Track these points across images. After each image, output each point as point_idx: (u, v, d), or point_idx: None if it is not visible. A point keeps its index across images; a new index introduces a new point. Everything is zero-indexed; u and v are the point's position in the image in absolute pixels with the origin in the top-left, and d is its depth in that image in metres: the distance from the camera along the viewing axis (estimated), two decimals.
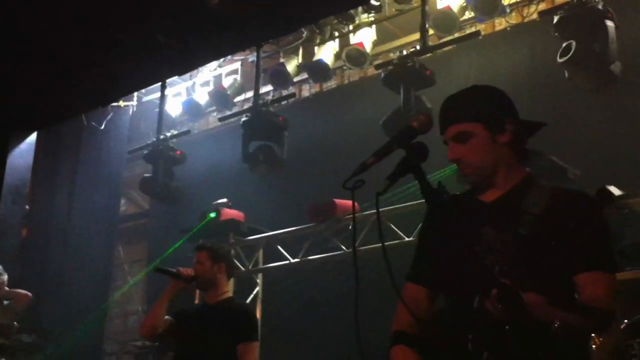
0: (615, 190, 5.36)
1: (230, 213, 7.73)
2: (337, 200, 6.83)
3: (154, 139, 8.38)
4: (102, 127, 9.32)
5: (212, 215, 7.66)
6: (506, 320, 2.12)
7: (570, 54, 5.60)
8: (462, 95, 2.54)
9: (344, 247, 6.88)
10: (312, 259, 7.20)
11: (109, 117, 9.39)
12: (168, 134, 8.41)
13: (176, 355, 4.79)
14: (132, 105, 9.78)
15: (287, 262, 7.40)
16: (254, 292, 7.65)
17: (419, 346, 2.44)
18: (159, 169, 8.16)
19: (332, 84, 8.50)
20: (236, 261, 7.70)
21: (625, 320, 4.07)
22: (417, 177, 2.30)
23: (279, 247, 7.49)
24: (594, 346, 4.61)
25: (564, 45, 5.68)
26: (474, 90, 2.58)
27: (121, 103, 9.45)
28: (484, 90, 2.58)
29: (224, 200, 7.81)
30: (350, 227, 6.59)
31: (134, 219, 10.29)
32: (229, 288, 4.99)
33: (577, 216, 2.32)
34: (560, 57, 5.68)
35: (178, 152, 8.31)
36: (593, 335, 4.57)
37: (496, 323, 2.17)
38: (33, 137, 6.97)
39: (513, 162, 2.50)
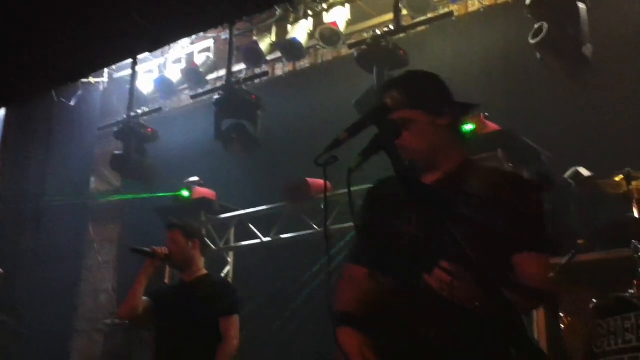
0: (585, 172, 5.42)
1: (202, 191, 7.70)
2: (310, 180, 6.82)
3: (125, 116, 8.29)
4: (73, 103, 9.21)
5: (185, 193, 7.63)
6: (452, 298, 2.13)
7: (542, 35, 5.61)
8: (400, 82, 2.60)
9: (315, 226, 6.88)
10: (284, 238, 7.20)
11: (79, 93, 9.28)
12: (139, 111, 8.32)
13: (157, 335, 4.76)
14: (103, 82, 9.67)
15: (259, 240, 7.39)
16: (225, 270, 7.64)
17: (365, 327, 2.45)
18: (131, 147, 8.09)
19: (305, 63, 8.46)
20: (207, 240, 7.68)
21: (594, 300, 4.12)
22: (390, 154, 2.30)
23: (251, 225, 7.48)
24: (562, 326, 4.68)
25: (536, 26, 5.69)
26: (411, 77, 2.64)
27: (92, 79, 9.34)
28: (422, 76, 2.63)
29: (196, 178, 7.77)
30: (322, 206, 6.59)
31: (105, 197, 10.20)
32: (203, 265, 4.99)
33: (514, 198, 2.37)
34: (533, 38, 5.70)
35: (150, 129, 8.23)
36: (562, 315, 4.63)
37: (440, 303, 2.19)
38: (2, 113, 6.86)
39: (452, 145, 2.55)
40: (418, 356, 2.29)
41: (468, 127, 5.83)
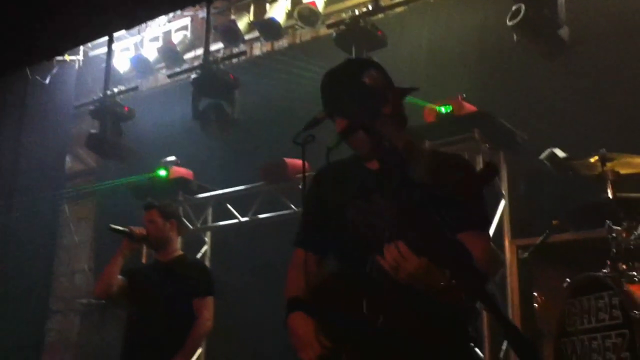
0: (560, 153, 5.47)
1: (179, 171, 7.67)
2: (288, 160, 6.82)
3: (101, 95, 8.22)
4: (47, 81, 9.10)
5: (162, 173, 7.59)
6: (400, 282, 2.14)
7: (520, 17, 5.63)
8: (341, 85, 2.60)
9: (294, 206, 6.89)
10: (262, 218, 7.20)
11: (54, 71, 9.17)
12: (115, 90, 8.25)
13: (130, 314, 4.77)
14: (78, 60, 9.56)
15: (237, 220, 7.39)
16: (203, 250, 7.63)
17: (315, 312, 2.48)
18: (106, 126, 8.02)
19: (283, 43, 8.42)
20: (185, 220, 7.66)
21: (568, 279, 4.18)
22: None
23: (229, 205, 7.47)
24: (536, 305, 4.74)
25: (513, 8, 5.71)
26: (352, 78, 2.62)
27: (67, 57, 9.24)
28: (362, 72, 2.62)
29: (173, 158, 7.73)
30: (300, 186, 6.59)
31: (81, 176, 10.12)
32: (179, 245, 4.99)
33: (455, 178, 2.38)
34: (510, 20, 5.72)
35: (126, 108, 8.16)
36: (536, 294, 4.70)
37: (390, 286, 2.21)
38: None
39: (395, 129, 2.57)
40: (370, 340, 2.30)
41: (445, 108, 5.85)
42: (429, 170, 2.44)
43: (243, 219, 7.31)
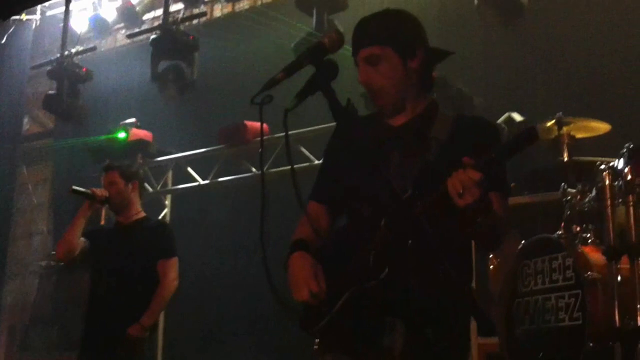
0: (517, 117, 5.54)
1: (139, 133, 7.60)
2: (248, 122, 6.81)
3: (58, 55, 8.08)
4: (3, 41, 8.92)
5: (121, 135, 7.52)
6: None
7: None
8: (375, 18, 2.52)
9: (254, 169, 6.89)
10: (222, 181, 7.19)
11: (10, 31, 8.99)
12: (73, 51, 8.11)
13: (93, 276, 4.74)
14: (35, 20, 9.37)
15: (197, 183, 7.37)
16: (163, 213, 7.61)
17: (318, 255, 2.45)
18: (64, 87, 7.90)
19: (244, 4, 8.34)
20: (144, 183, 7.62)
21: (523, 241, 4.25)
22: (326, 95, 2.31)
23: (189, 168, 7.45)
24: (491, 266, 4.83)
25: None
26: (387, 14, 2.55)
27: (23, 16, 9.04)
28: (398, 14, 2.55)
29: (132, 120, 7.66)
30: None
31: (38, 138, 9.98)
32: (141, 207, 4.97)
33: (479, 141, 2.36)
34: None
35: (84, 69, 8.04)
36: (490, 256, 4.78)
37: (399, 241, 2.23)
38: None
39: (420, 89, 2.52)
40: (371, 289, 2.29)
41: None
42: (451, 131, 2.40)
43: (203, 182, 7.30)
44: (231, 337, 6.69)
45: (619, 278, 3.60)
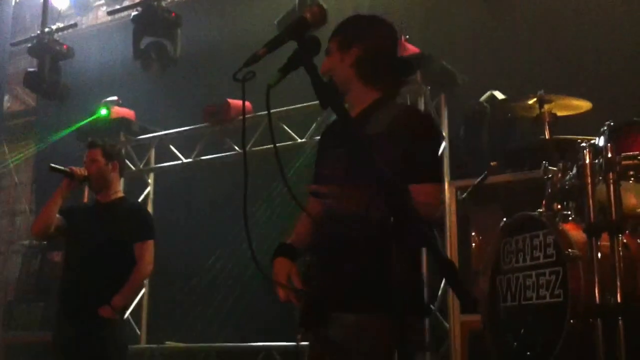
0: (499, 95, 5.56)
1: (121, 111, 7.55)
2: (232, 101, 6.78)
3: (39, 32, 7.99)
4: None
5: (103, 112, 7.47)
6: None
7: None
8: (347, 18, 2.73)
9: (237, 148, 6.87)
10: (205, 159, 7.17)
11: None
12: (54, 27, 8.03)
13: (68, 254, 4.73)
14: None
15: (180, 162, 7.34)
16: (145, 192, 7.58)
17: (296, 256, 2.62)
18: (45, 64, 7.83)
19: None
20: (127, 161, 7.59)
21: (505, 219, 4.28)
22: (309, 70, 2.31)
23: (172, 146, 7.41)
24: (473, 244, 4.87)
25: None
26: (356, 15, 2.76)
27: None
28: (363, 16, 2.75)
29: (114, 98, 7.60)
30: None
31: (20, 116, 9.90)
32: (121, 187, 4.95)
33: (412, 131, 2.50)
34: None
35: (65, 46, 7.96)
36: (473, 234, 4.82)
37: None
38: None
39: (362, 85, 2.64)
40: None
41: None
42: (390, 124, 2.50)
43: (186, 161, 7.27)
44: (216, 313, 6.71)
45: (599, 255, 3.64)
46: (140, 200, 7.27)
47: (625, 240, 3.66)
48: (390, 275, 2.12)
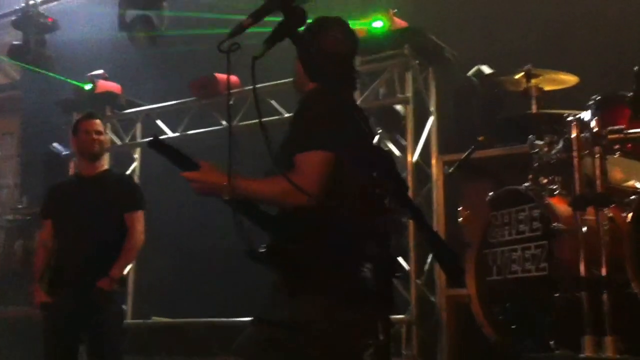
0: (487, 69, 5.55)
1: (107, 85, 7.49)
2: (219, 75, 6.73)
3: (23, 4, 7.90)
4: None
5: (88, 86, 7.40)
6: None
7: None
8: None
9: (224, 122, 6.83)
10: (192, 134, 7.13)
11: None
12: (39, 0, 7.95)
13: (57, 231, 4.68)
14: None
15: (167, 136, 7.30)
16: (132, 167, 7.54)
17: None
18: (30, 37, 7.75)
19: None
20: (114, 135, 7.55)
21: (492, 193, 4.30)
22: (295, 42, 2.29)
23: (159, 121, 7.37)
24: (460, 219, 4.88)
25: None
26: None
27: None
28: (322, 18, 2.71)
29: (100, 71, 7.53)
30: (231, 102, 6.52)
31: (5, 90, 9.82)
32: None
33: (301, 105, 2.53)
34: None
35: (50, 19, 7.88)
36: (461, 208, 4.82)
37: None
38: None
39: (307, 77, 2.60)
40: None
41: (377, 24, 5.84)
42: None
43: (173, 135, 7.22)
44: (203, 288, 6.72)
45: (584, 228, 3.66)
46: None
47: (610, 214, 3.68)
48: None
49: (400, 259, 5.43)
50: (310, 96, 2.57)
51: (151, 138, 2.51)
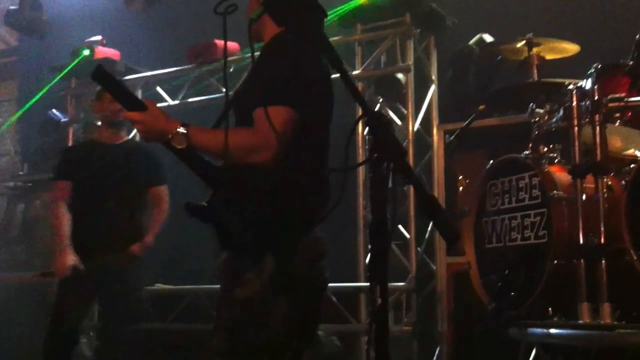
0: (488, 38, 5.53)
1: (105, 52, 7.43)
2: (218, 41, 6.68)
3: None
4: None
5: (85, 52, 7.35)
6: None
7: None
8: None
9: (224, 90, 6.77)
10: (192, 101, 7.09)
11: None
12: None
13: (76, 193, 4.62)
14: None
15: (167, 104, 7.26)
16: (131, 135, 7.50)
17: None
18: (26, 1, 7.68)
19: None
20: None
21: (491, 161, 4.30)
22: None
23: (158, 88, 7.33)
24: (460, 187, 4.90)
25: None
26: None
27: None
28: None
29: (98, 37, 7.46)
30: (232, 69, 6.48)
31: (2, 55, 9.76)
32: None
33: (262, 59, 2.51)
34: None
35: None
36: (460, 177, 4.84)
37: None
38: None
39: (270, 24, 2.53)
40: None
41: None
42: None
43: (173, 102, 7.19)
44: (205, 255, 6.72)
45: (583, 196, 3.68)
46: None
47: (609, 182, 3.69)
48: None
49: (400, 227, 5.47)
50: (276, 45, 2.50)
51: (94, 70, 2.27)
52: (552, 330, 3.68)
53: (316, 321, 2.54)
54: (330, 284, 2.58)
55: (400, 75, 5.76)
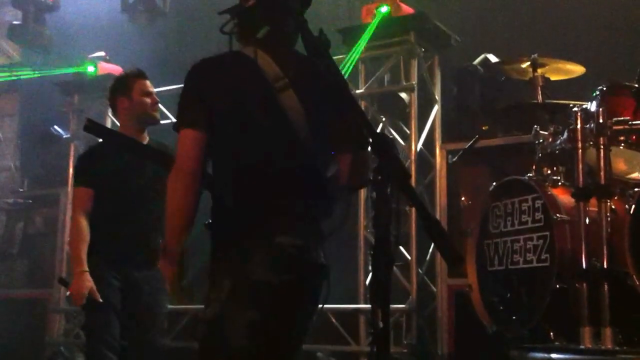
0: (493, 58, 5.51)
1: (108, 67, 7.42)
2: None
3: None
4: None
5: (90, 69, 7.34)
6: None
7: None
8: None
9: None
10: None
11: None
12: None
13: (102, 201, 4.28)
14: None
15: (169, 121, 7.23)
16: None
17: None
18: (29, 16, 7.68)
19: None
20: (115, 118, 7.49)
21: (494, 183, 4.27)
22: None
23: (161, 106, 7.28)
24: (462, 207, 4.86)
25: None
26: None
27: None
28: None
29: (101, 53, 7.46)
30: None
31: (4, 70, 9.75)
32: None
33: None
34: None
35: None
36: (463, 198, 4.80)
37: None
38: None
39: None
40: None
41: (383, 9, 5.78)
42: None
43: (175, 120, 7.15)
44: (195, 280, 6.69)
45: (587, 220, 3.64)
46: None
47: (613, 206, 3.65)
48: None
49: (401, 248, 5.42)
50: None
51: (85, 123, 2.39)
52: (554, 355, 3.63)
53: (300, 334, 2.44)
54: (329, 305, 2.52)
55: (403, 94, 5.73)
